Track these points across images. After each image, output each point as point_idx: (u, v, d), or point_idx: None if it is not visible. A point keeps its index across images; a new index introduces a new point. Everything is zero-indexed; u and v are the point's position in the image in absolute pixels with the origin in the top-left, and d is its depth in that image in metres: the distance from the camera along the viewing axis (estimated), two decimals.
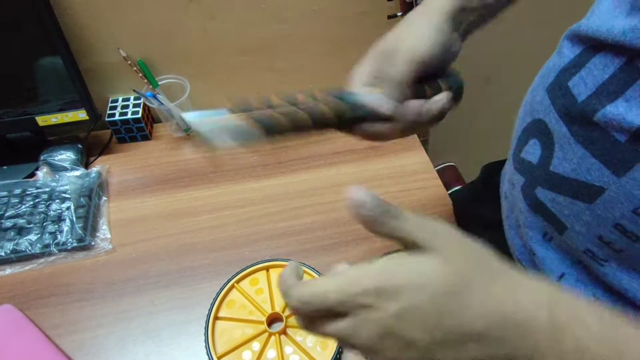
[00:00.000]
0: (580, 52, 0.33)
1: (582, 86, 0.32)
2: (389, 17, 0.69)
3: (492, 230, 0.52)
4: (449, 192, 0.71)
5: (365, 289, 0.23)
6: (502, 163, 0.59)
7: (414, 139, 0.76)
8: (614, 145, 0.29)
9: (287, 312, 0.52)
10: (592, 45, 0.32)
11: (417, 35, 0.36)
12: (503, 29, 0.82)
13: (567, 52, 0.35)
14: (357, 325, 0.24)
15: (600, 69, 0.31)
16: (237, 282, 0.54)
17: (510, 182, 0.43)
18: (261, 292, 0.54)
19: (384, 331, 0.23)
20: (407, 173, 0.70)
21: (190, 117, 0.34)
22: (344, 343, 0.25)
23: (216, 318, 0.52)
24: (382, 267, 0.24)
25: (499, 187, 0.52)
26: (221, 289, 0.53)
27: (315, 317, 0.25)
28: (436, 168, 0.90)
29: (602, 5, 0.33)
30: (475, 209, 0.59)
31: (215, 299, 0.52)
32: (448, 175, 0.95)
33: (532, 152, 0.37)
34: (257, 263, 0.56)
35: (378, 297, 0.23)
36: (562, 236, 0.36)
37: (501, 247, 0.49)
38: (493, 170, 0.59)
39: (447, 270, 0.23)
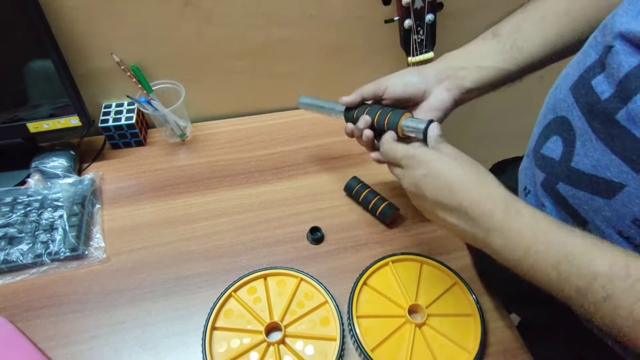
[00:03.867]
0: (604, 50, 0.33)
1: (605, 84, 0.32)
2: (386, 21, 0.69)
3: None
4: None
5: (410, 155, 0.42)
6: (511, 161, 0.60)
7: None
8: (633, 142, 0.30)
9: (285, 322, 0.51)
10: (622, 41, 0.32)
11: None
12: None
13: (592, 51, 0.35)
14: (403, 174, 0.43)
15: (622, 66, 0.31)
16: (235, 291, 0.54)
17: (532, 177, 0.43)
18: (259, 301, 0.53)
19: (413, 183, 0.41)
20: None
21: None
22: (400, 182, 0.44)
23: (214, 328, 0.51)
24: (423, 149, 0.42)
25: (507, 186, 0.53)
26: (218, 299, 0.52)
27: (391, 163, 0.46)
28: None
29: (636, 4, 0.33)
30: None
31: (212, 309, 0.51)
32: None
33: (554, 148, 0.38)
34: (255, 271, 0.55)
35: (415, 162, 0.41)
36: (583, 231, 0.36)
37: None
38: (503, 168, 0.60)
39: (456, 164, 0.39)
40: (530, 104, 0.53)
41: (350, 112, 0.56)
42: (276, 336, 0.50)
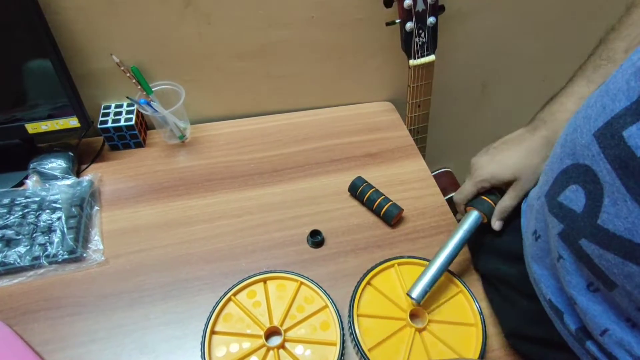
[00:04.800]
0: (637, 99, 0.30)
1: None
2: (387, 24, 0.68)
3: (505, 258, 0.51)
4: (446, 197, 0.70)
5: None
6: None
7: (412, 146, 0.75)
8: None
9: (285, 326, 0.51)
10: None
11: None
12: (500, 35, 0.82)
13: (622, 95, 0.31)
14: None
15: None
16: (234, 294, 0.53)
17: (545, 223, 0.41)
18: (259, 305, 0.53)
19: None
20: (405, 181, 0.70)
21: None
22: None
23: (213, 332, 0.50)
24: None
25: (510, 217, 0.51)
26: (218, 302, 0.52)
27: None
28: (433, 173, 0.90)
29: None
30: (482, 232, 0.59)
31: (211, 313, 0.51)
32: (444, 181, 0.94)
33: (574, 198, 0.35)
34: (255, 275, 0.55)
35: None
36: (611, 293, 0.33)
37: (515, 276, 0.48)
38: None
39: None
40: (534, 110, 0.52)
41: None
42: (276, 341, 0.50)
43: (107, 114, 0.71)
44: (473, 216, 0.52)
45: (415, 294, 0.49)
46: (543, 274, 0.42)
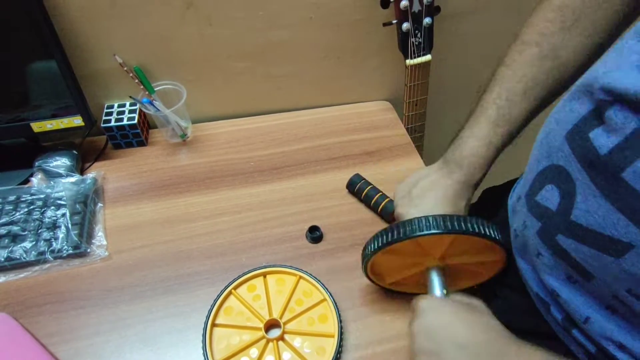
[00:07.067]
0: (599, 103, 0.32)
1: (604, 138, 0.31)
2: (384, 24, 0.70)
3: None
4: None
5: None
6: (500, 188, 0.59)
7: (409, 144, 0.77)
8: None
9: (284, 319, 0.52)
10: (615, 98, 0.31)
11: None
12: (495, 36, 0.83)
13: (585, 99, 0.33)
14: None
15: (622, 122, 0.30)
16: (235, 288, 0.54)
17: (524, 223, 0.42)
18: (259, 299, 0.54)
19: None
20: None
21: None
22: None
23: (214, 325, 0.52)
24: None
25: (497, 213, 0.52)
26: (218, 296, 0.53)
27: None
28: None
29: (626, 59, 0.31)
30: None
31: (212, 306, 0.52)
32: None
33: (550, 197, 0.37)
34: (255, 269, 0.56)
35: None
36: (589, 283, 0.35)
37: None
38: (492, 196, 0.60)
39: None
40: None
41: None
42: (275, 333, 0.51)
43: (110, 113, 0.73)
44: None
45: None
46: (527, 268, 0.43)
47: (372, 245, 0.45)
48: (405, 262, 0.48)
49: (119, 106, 0.74)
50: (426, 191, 0.51)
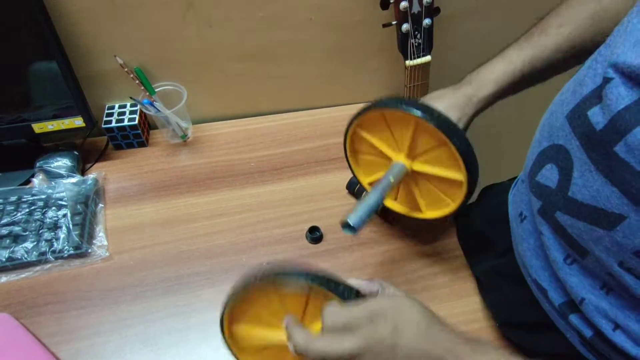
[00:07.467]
0: (603, 81, 0.33)
1: (600, 116, 0.32)
2: (384, 25, 0.70)
3: (496, 252, 0.53)
4: None
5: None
6: (500, 185, 0.60)
7: None
8: (633, 175, 0.30)
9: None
10: (618, 73, 0.32)
11: None
12: (495, 37, 0.83)
13: (589, 80, 0.35)
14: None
15: (621, 98, 0.31)
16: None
17: (528, 204, 0.43)
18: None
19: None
20: None
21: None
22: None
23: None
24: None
25: (498, 210, 0.53)
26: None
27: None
28: None
29: (630, 35, 0.32)
30: (475, 228, 0.60)
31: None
32: None
33: (549, 176, 0.38)
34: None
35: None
36: (584, 260, 0.36)
37: (506, 268, 0.50)
38: (492, 193, 0.60)
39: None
40: (523, 124, 0.53)
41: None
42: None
43: (111, 114, 0.73)
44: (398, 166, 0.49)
45: (352, 220, 0.45)
46: (527, 254, 0.44)
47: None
48: None
49: (120, 107, 0.74)
50: (430, 100, 0.52)
